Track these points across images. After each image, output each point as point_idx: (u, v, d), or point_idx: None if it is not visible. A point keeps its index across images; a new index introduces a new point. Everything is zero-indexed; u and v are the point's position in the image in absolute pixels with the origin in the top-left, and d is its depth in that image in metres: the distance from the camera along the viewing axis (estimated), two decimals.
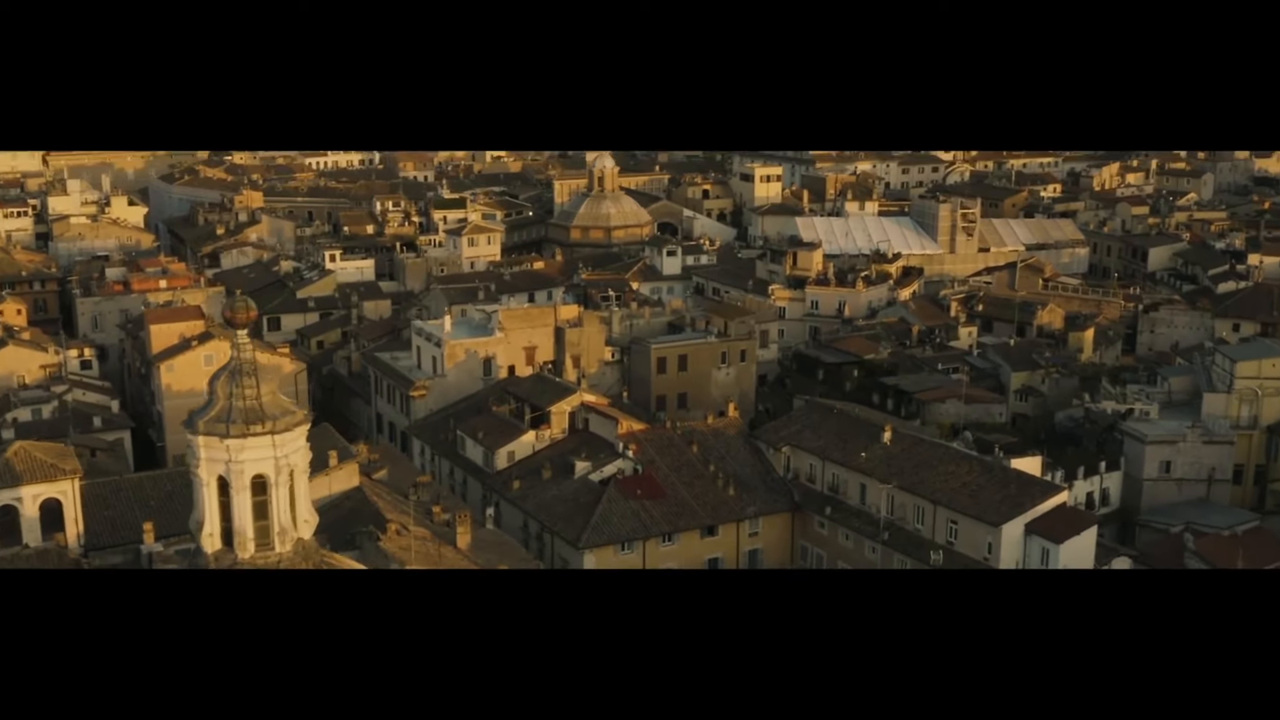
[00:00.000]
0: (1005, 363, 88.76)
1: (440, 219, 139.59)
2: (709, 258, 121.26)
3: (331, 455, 61.71)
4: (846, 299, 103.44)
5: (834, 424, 68.20)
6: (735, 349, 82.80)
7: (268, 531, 35.02)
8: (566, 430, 70.50)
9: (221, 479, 34.49)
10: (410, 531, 56.18)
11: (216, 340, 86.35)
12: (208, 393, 34.71)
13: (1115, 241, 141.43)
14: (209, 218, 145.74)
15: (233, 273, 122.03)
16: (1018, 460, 61.26)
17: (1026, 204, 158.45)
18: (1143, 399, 71.30)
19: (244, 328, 35.04)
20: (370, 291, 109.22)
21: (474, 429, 71.69)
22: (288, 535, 35.05)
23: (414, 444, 78.45)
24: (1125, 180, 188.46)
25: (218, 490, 34.67)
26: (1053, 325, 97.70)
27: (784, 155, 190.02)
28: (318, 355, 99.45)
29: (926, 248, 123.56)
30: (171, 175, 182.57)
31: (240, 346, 34.77)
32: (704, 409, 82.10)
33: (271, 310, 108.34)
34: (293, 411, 35.39)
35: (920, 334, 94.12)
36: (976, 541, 58.15)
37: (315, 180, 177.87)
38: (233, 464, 33.77)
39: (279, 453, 34.10)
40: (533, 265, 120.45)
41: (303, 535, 35.85)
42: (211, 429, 33.93)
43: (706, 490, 65.78)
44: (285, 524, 34.96)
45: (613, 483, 64.69)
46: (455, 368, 78.66)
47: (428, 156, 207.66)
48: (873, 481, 63.26)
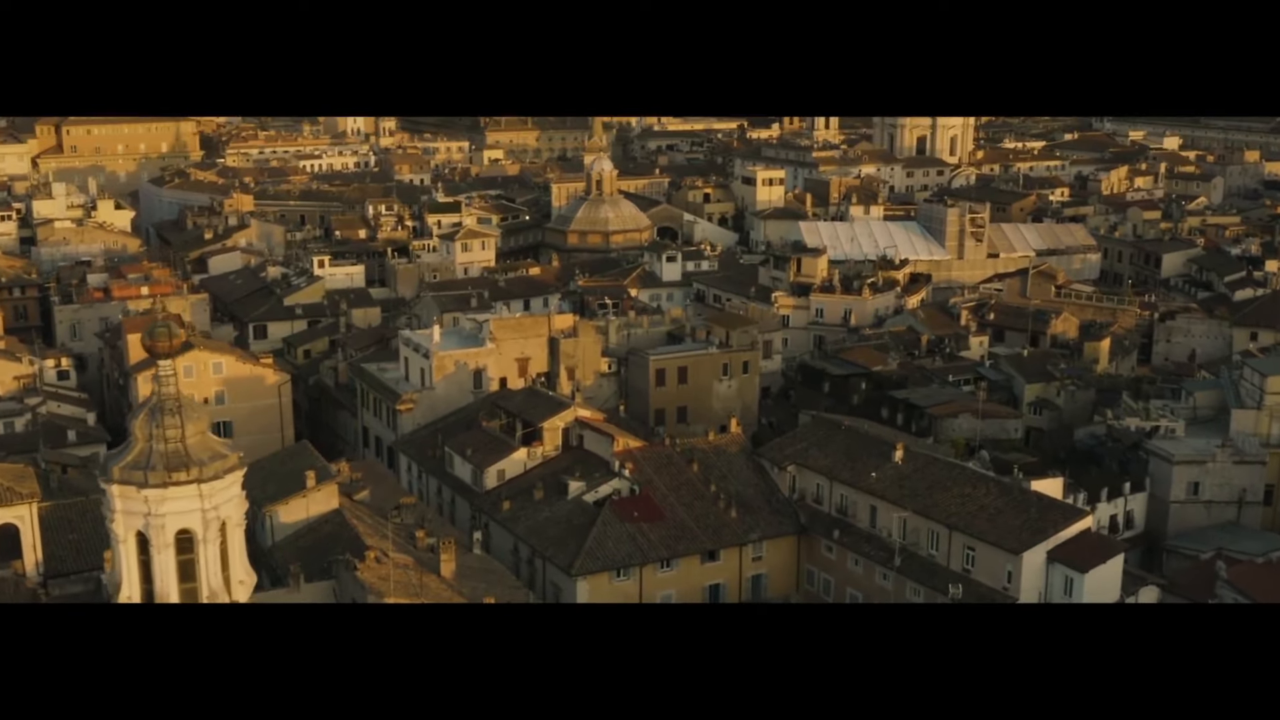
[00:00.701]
0: (1018, 374, 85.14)
1: (434, 223, 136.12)
2: (710, 263, 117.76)
3: (309, 476, 58.19)
4: (852, 307, 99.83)
5: (842, 441, 64.59)
6: (737, 360, 79.21)
7: (195, 594, 30.79)
8: (559, 447, 66.90)
9: (140, 534, 30.07)
10: (390, 559, 52.50)
11: (197, 350, 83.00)
12: None
13: (1127, 247, 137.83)
14: (198, 221, 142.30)
15: (220, 279, 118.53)
16: (1038, 482, 57.63)
17: (1035, 208, 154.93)
18: (1167, 415, 67.59)
19: (167, 357, 30.77)
20: (360, 298, 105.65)
21: (462, 445, 68.09)
22: (219, 599, 30.89)
23: (401, 460, 74.86)
24: (1134, 184, 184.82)
25: (136, 547, 30.23)
26: (1067, 335, 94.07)
27: (786, 158, 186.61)
28: (304, 365, 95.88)
29: (934, 253, 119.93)
30: (161, 178, 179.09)
31: (163, 380, 30.50)
32: (705, 423, 78.50)
33: (258, 318, 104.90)
34: (224, 455, 31.08)
35: (929, 344, 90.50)
36: (995, 570, 54.51)
37: (308, 183, 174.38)
38: (153, 517, 29.33)
39: (208, 504, 29.80)
40: (528, 271, 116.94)
41: (237, 598, 31.66)
42: (128, 477, 29.56)
43: (707, 512, 62.15)
44: (216, 587, 30.94)
45: (608, 504, 61.08)
46: (444, 380, 75.09)
47: (424, 159, 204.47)
48: (884, 504, 59.62)
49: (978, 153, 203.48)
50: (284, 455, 63.57)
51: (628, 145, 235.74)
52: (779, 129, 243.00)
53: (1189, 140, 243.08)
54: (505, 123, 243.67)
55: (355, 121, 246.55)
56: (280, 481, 60.38)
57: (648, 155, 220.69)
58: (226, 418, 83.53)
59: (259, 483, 61.45)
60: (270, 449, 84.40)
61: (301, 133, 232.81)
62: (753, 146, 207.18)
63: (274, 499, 58.61)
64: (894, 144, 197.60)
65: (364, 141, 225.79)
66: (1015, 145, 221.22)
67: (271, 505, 58.09)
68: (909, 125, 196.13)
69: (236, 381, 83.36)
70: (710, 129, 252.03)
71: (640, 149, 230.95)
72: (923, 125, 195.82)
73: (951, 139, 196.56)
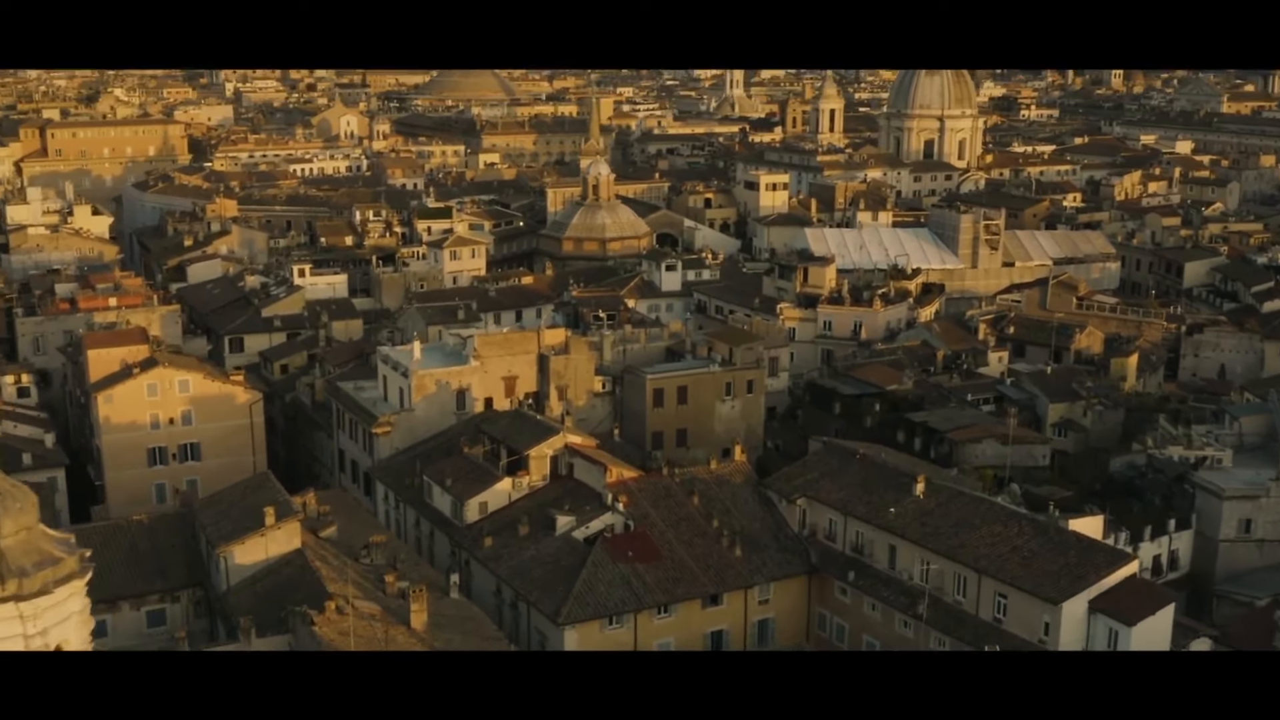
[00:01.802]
0: (1042, 393, 79.58)
1: (424, 229, 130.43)
2: (711, 272, 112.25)
3: (268, 512, 52.51)
4: (862, 319, 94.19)
5: (856, 471, 58.88)
6: (741, 379, 73.54)
7: None
8: (547, 477, 61.24)
9: None
10: (355, 608, 46.80)
11: (162, 368, 77.44)
12: None
13: (1146, 255, 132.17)
14: (178, 227, 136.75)
15: (197, 288, 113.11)
16: (1076, 521, 51.93)
17: (1048, 214, 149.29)
18: (1213, 443, 61.87)
19: None
20: (342, 309, 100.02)
21: (442, 474, 62.43)
22: None
23: (378, 488, 69.21)
24: (1147, 189, 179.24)
25: None
26: (1091, 350, 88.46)
27: (790, 162, 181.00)
28: (281, 381, 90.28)
29: (947, 262, 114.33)
30: (145, 182, 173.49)
31: None
32: (706, 446, 72.91)
33: (234, 330, 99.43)
34: (58, 558, 23.88)
35: (946, 360, 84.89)
36: (1030, 620, 48.81)
37: (298, 187, 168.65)
38: None
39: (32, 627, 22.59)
40: (520, 280, 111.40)
41: None
42: None
43: (709, 550, 56.48)
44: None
45: (599, 542, 55.42)
46: (424, 401, 69.42)
47: (418, 163, 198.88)
48: (905, 543, 53.93)
49: (986, 156, 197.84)
50: (243, 487, 57.91)
51: (627, 149, 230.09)
52: (781, 132, 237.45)
53: (1201, 144, 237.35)
54: (502, 126, 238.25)
55: (349, 125, 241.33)
56: (238, 517, 54.79)
57: (647, 159, 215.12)
58: (193, 439, 78.15)
59: (214, 519, 56.11)
60: (241, 472, 79.00)
61: (294, 136, 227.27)
62: (755, 150, 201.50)
63: (230, 538, 53.05)
64: (900, 147, 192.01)
65: (357, 145, 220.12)
66: (1024, 149, 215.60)
67: (226, 545, 52.53)
68: (916, 128, 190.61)
69: (204, 400, 77.77)
70: (711, 132, 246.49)
71: (640, 153, 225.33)
72: (930, 128, 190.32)
73: (960, 142, 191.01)
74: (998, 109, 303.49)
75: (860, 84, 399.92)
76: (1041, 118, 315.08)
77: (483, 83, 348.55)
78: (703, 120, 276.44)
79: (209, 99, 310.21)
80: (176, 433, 77.56)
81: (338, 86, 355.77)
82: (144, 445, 77.01)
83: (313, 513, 58.51)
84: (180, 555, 56.56)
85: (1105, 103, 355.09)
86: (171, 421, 77.23)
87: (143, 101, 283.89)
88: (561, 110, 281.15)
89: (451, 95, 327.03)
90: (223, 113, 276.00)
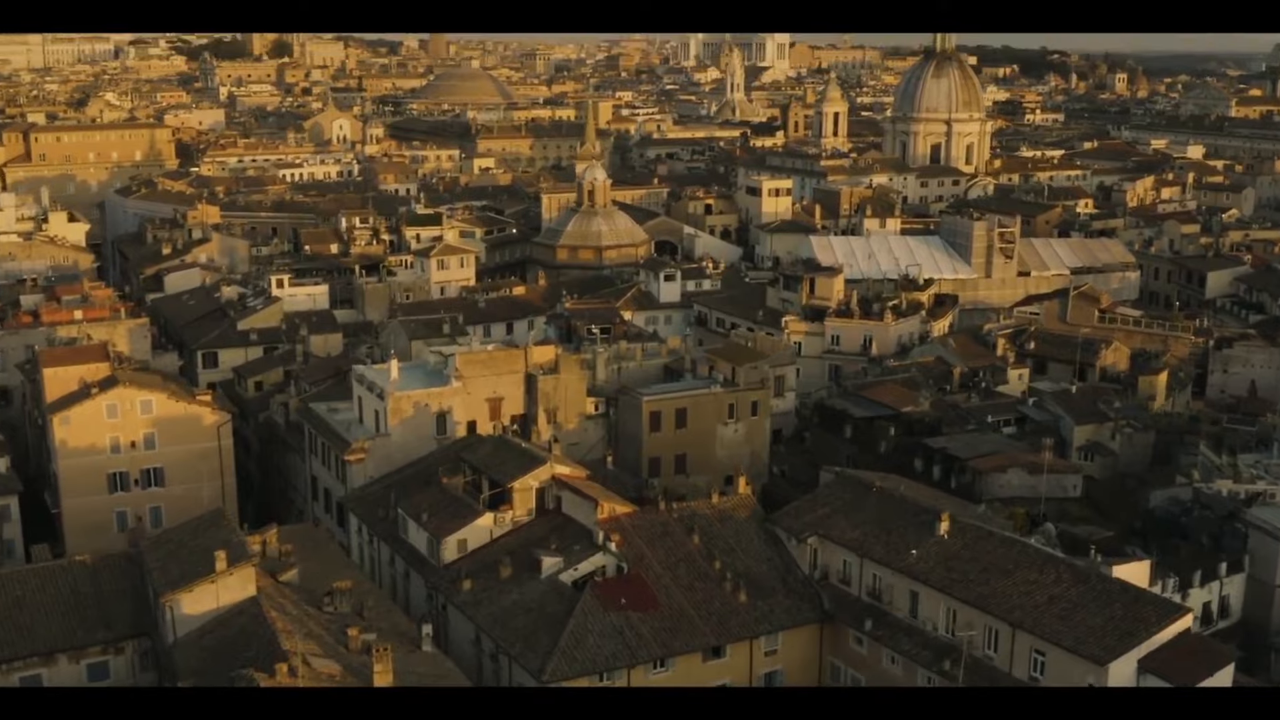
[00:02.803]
0: (1066, 414, 74.23)
1: (413, 237, 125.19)
2: (712, 282, 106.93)
3: (219, 556, 47.07)
4: (873, 333, 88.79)
5: (873, 507, 53.44)
6: (745, 401, 68.09)
7: None
8: (533, 511, 55.82)
9: None
10: (310, 668, 41.39)
11: (123, 387, 72.07)
12: None
13: (1165, 264, 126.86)
14: (157, 235, 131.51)
15: (172, 299, 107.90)
16: (1121, 567, 46.47)
17: (1060, 221, 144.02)
18: (1263, 475, 56.41)
19: None
20: (322, 322, 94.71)
21: (418, 508, 57.02)
22: None
23: (351, 520, 63.78)
24: (1160, 195, 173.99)
25: None
26: (1117, 367, 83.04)
27: (793, 167, 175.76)
28: (255, 399, 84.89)
29: (959, 271, 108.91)
30: (128, 188, 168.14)
31: None
32: (707, 473, 67.54)
33: (208, 344, 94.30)
34: None
35: (963, 377, 79.48)
36: (1073, 680, 43.37)
37: (286, 193, 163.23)
38: None
39: None
40: (511, 291, 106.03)
41: None
42: None
43: (711, 596, 51.05)
44: None
45: (589, 588, 50.00)
46: (401, 425, 63.99)
47: (410, 168, 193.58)
48: (928, 590, 48.49)
49: (994, 161, 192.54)
50: (195, 526, 52.48)
51: (626, 153, 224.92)
52: (783, 136, 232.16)
53: (1212, 149, 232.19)
54: (498, 130, 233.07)
55: (341, 129, 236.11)
56: (187, 560, 49.36)
57: (646, 164, 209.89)
58: (157, 464, 72.95)
59: (161, 561, 50.67)
60: (209, 500, 73.90)
61: (285, 140, 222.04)
62: (757, 155, 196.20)
63: (177, 584, 47.62)
64: (906, 152, 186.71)
65: (349, 150, 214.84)
66: (1033, 154, 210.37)
67: (173, 593, 47.09)
68: (922, 132, 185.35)
69: (169, 422, 72.46)
70: (712, 137, 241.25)
71: (639, 157, 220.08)
72: (937, 132, 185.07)
73: (967, 147, 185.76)
74: (1002, 113, 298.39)
75: (862, 88, 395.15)
76: (1047, 122, 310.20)
77: (479, 87, 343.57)
78: (703, 124, 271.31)
79: (203, 103, 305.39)
80: (138, 457, 72.35)
81: (333, 90, 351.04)
82: (103, 470, 71.87)
83: (273, 553, 53.13)
84: (126, 601, 51.10)
85: (1111, 107, 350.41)
86: (133, 445, 72.11)
87: (134, 106, 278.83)
88: (559, 114, 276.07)
89: (448, 99, 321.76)
90: (214, 117, 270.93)
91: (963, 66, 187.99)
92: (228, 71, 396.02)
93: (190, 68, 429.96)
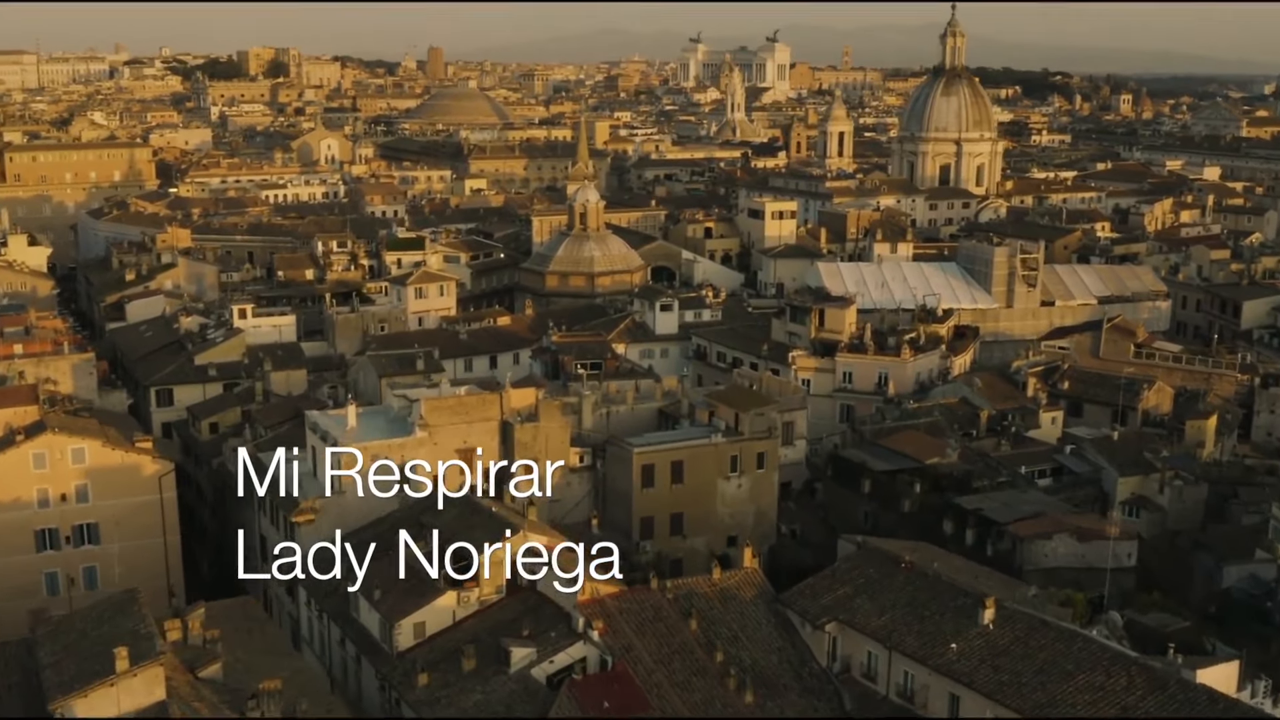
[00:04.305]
0: (1109, 464, 66.41)
1: (393, 262, 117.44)
2: (712, 312, 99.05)
3: (120, 655, 39.05)
4: (889, 370, 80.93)
5: (903, 587, 45.43)
6: (750, 452, 60.09)
7: None
8: (503, 589, 47.83)
9: None
10: None
11: (51, 434, 64.20)
12: None
13: (1196, 292, 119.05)
14: (123, 259, 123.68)
15: (129, 330, 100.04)
16: (1206, 670, 38.43)
17: (1079, 245, 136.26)
18: None
19: None
20: (288, 356, 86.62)
21: (370, 583, 49.00)
22: None
23: (300, 592, 55.73)
24: (1179, 218, 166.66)
25: None
26: (1160, 409, 75.20)
27: (796, 188, 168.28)
28: (208, 442, 76.87)
29: (979, 300, 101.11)
30: (101, 210, 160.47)
31: None
32: (707, 534, 59.75)
33: (161, 380, 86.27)
34: None
35: (990, 421, 71.60)
36: None
37: (264, 215, 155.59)
38: None
39: None
40: (495, 321, 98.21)
41: None
42: None
43: (711, 695, 43.00)
44: None
45: (567, 686, 42.00)
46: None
47: (399, 189, 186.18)
48: (970, 692, 40.43)
49: (1006, 183, 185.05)
50: (102, 610, 44.53)
51: (623, 175, 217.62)
52: (785, 157, 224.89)
53: (1228, 170, 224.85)
54: (491, 150, 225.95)
55: (329, 149, 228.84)
56: (86, 655, 41.36)
57: (644, 185, 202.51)
58: (91, 519, 65.05)
59: (56, 656, 42.62)
60: (151, 561, 66.39)
61: (272, 160, 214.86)
62: (759, 176, 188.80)
63: (70, 687, 39.59)
64: (914, 173, 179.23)
65: (336, 170, 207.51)
66: (1046, 175, 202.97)
67: (65, 699, 39.04)
68: (931, 152, 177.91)
69: (104, 473, 64.62)
70: (711, 157, 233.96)
71: (636, 178, 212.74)
72: (946, 152, 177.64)
73: (978, 168, 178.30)
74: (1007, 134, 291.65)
75: (864, 109, 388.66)
76: (1053, 143, 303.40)
77: (475, 107, 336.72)
78: (703, 145, 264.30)
79: (194, 123, 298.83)
80: (70, 511, 64.49)
81: (326, 110, 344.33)
82: (30, 526, 64.08)
83: (196, 640, 45.19)
84: (18, 698, 43.17)
85: (1117, 128, 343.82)
86: (64, 498, 64.34)
87: (121, 125, 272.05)
88: (555, 134, 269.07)
89: (442, 119, 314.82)
90: (201, 136, 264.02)
91: (973, 84, 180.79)
92: (220, 91, 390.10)
93: (185, 88, 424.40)
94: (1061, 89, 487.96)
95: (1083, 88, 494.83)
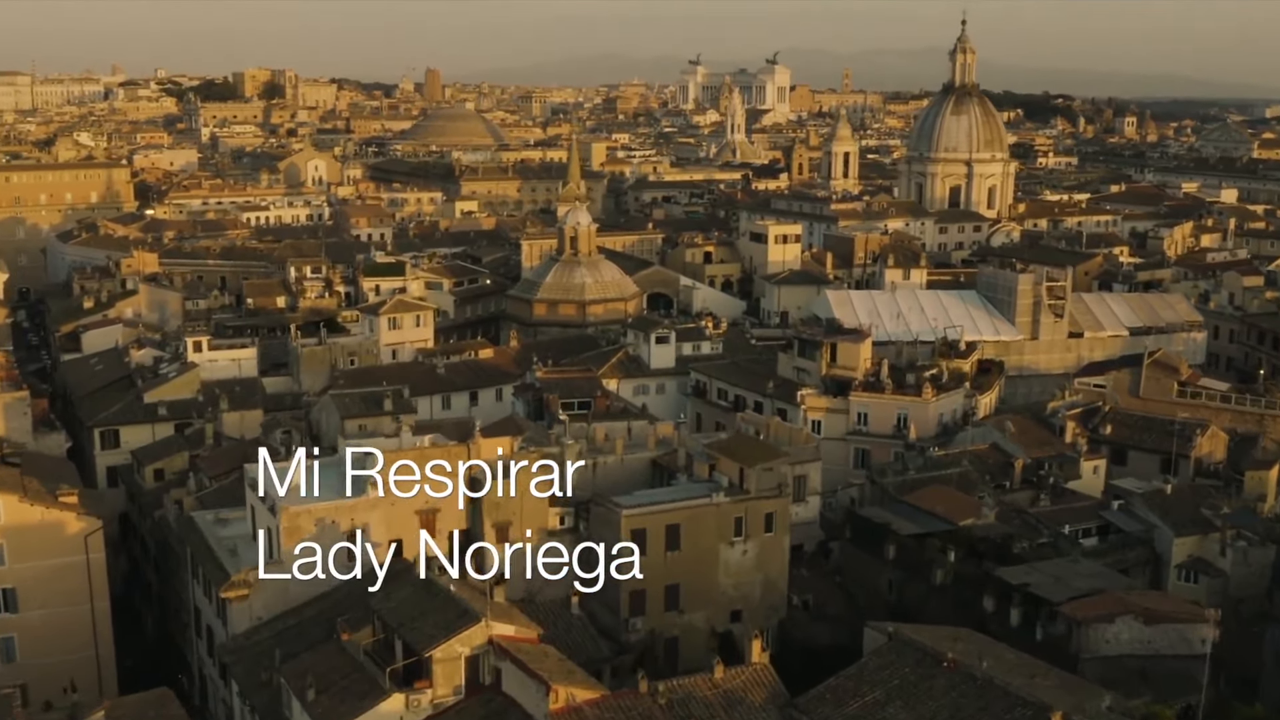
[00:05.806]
0: (1162, 522, 58.44)
1: (371, 289, 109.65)
2: (712, 344, 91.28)
3: None
4: (909, 410, 73.01)
5: (944, 693, 37.35)
6: (756, 513, 52.06)
7: None
8: (461, 690, 39.72)
9: None
10: None
11: None
12: None
13: (1230, 322, 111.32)
14: (85, 285, 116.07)
15: (81, 363, 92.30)
16: None
17: (1100, 272, 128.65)
18: None
19: None
20: (246, 394, 78.82)
21: (303, 677, 40.89)
22: None
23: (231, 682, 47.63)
24: (1200, 241, 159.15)
25: None
26: (1213, 456, 67.26)
27: (800, 210, 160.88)
28: (151, 492, 68.92)
29: (1001, 331, 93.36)
30: (70, 232, 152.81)
31: None
32: (707, 609, 51.85)
33: (106, 420, 78.51)
34: None
35: (1025, 470, 63.64)
36: None
37: (239, 238, 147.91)
38: None
39: None
40: (477, 354, 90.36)
41: None
42: None
43: None
44: None
45: None
46: (298, 549, 47.86)
47: (386, 211, 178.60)
48: None
49: (1018, 206, 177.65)
50: None
51: (620, 197, 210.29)
52: (787, 179, 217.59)
53: (1245, 192, 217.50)
54: (483, 171, 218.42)
55: (316, 169, 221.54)
56: None
57: (641, 208, 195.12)
58: (8, 584, 57.18)
59: None
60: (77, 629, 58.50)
61: (257, 182, 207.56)
62: (760, 198, 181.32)
63: None
64: (923, 195, 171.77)
65: (322, 191, 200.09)
66: (1058, 197, 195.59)
67: None
68: (940, 174, 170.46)
69: (21, 531, 56.78)
70: (711, 179, 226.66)
71: (633, 201, 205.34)
72: (956, 173, 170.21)
73: (990, 189, 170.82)
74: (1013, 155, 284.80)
75: (866, 130, 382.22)
76: (1060, 166, 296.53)
77: (470, 128, 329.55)
78: (702, 166, 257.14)
79: (183, 144, 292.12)
80: None
81: (319, 132, 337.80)
82: None
83: None
84: None
85: (1124, 150, 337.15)
86: None
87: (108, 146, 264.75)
88: (551, 156, 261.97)
89: (436, 140, 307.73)
90: (187, 157, 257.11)
91: (984, 102, 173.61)
92: (212, 112, 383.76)
93: (179, 109, 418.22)
94: (1064, 112, 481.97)
95: (1085, 110, 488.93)
